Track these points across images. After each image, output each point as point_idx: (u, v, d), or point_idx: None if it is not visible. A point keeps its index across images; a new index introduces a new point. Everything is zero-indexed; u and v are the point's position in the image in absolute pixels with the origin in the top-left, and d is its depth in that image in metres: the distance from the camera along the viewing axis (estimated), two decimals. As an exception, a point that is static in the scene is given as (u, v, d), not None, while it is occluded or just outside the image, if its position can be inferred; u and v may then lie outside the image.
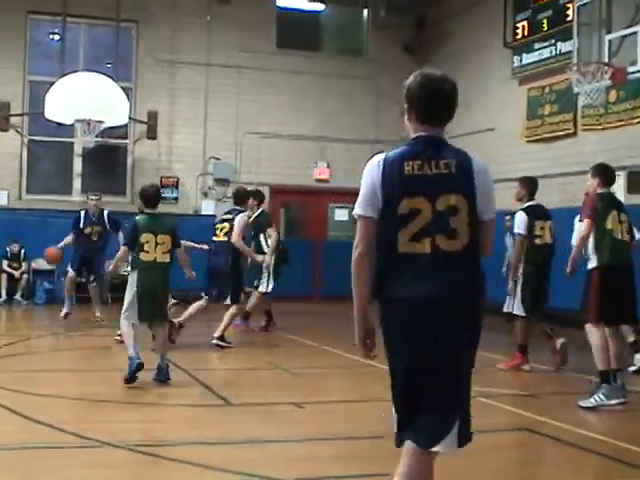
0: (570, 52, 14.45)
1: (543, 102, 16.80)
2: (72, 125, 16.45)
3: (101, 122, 16.08)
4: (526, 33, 17.18)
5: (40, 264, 17.78)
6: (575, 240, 9.13)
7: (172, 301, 11.18)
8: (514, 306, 10.27)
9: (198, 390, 8.66)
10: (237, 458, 5.98)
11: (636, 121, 14.44)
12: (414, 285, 3.81)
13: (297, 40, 20.84)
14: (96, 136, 16.52)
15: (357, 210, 4.01)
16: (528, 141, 17.24)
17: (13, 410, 7.01)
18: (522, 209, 10.52)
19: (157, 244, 8.75)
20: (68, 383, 8.76)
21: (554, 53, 16.45)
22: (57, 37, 19.06)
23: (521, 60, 17.47)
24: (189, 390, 8.74)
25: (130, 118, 17.87)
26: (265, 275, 13.25)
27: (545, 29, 16.63)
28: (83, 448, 6.10)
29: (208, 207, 19.42)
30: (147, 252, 8.69)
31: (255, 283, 13.27)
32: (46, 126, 17.85)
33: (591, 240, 8.22)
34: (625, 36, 12.66)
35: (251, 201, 13.02)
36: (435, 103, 4.21)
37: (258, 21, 20.01)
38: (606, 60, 12.80)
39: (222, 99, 19.83)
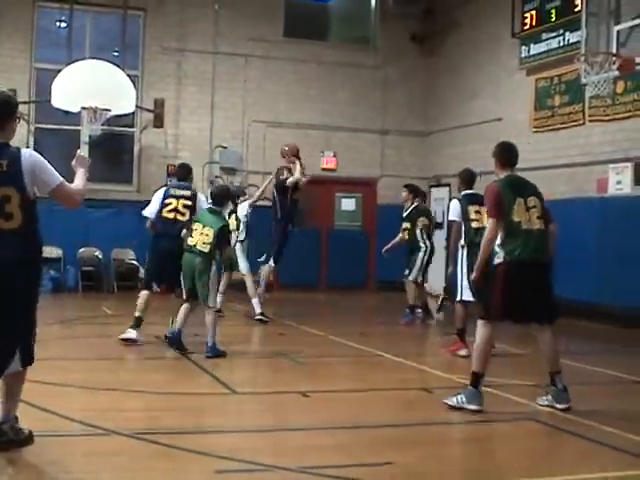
0: (578, 42, 14.40)
1: (552, 93, 16.75)
2: (78, 113, 16.43)
3: (108, 110, 16.03)
4: (534, 23, 17.11)
5: (47, 252, 17.80)
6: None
7: None
8: (463, 293, 10.35)
9: (204, 379, 8.69)
10: (243, 446, 6.00)
11: (643, 112, 14.42)
12: None
13: (304, 29, 20.81)
14: (102, 124, 16.46)
15: None
16: (536, 132, 17.21)
17: (19, 397, 7.05)
18: (456, 198, 10.84)
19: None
20: (74, 371, 8.77)
21: (562, 44, 16.39)
22: (64, 25, 19.03)
23: (529, 50, 17.41)
24: (195, 378, 8.77)
25: (137, 106, 17.85)
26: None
27: (553, 19, 16.57)
28: (88, 436, 6.13)
29: (214, 196, 19.40)
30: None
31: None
32: (52, 114, 17.79)
33: (500, 231, 7.44)
34: (633, 27, 12.62)
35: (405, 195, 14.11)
36: None
37: (266, 10, 19.98)
38: (614, 51, 12.77)
39: (229, 88, 19.83)
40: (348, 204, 20.78)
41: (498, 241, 7.41)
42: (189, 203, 10.74)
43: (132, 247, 18.02)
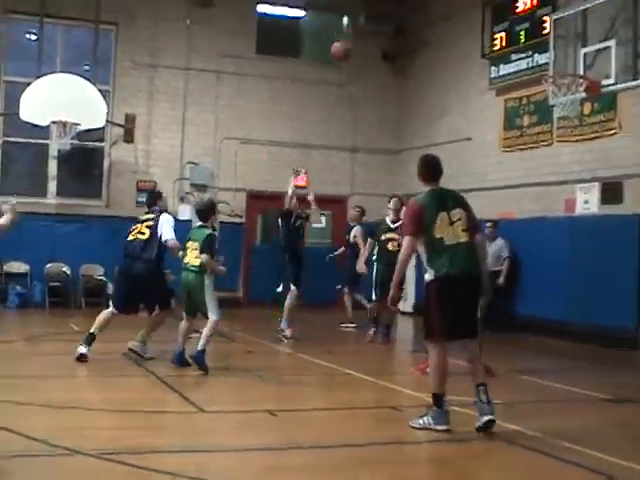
0: (546, 64, 14.56)
1: (521, 113, 16.93)
2: (48, 127, 16.35)
3: (77, 124, 15.97)
4: (504, 44, 17.31)
5: (14, 267, 17.70)
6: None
7: None
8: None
9: (171, 397, 8.64)
10: (211, 466, 5.98)
11: (609, 133, 14.60)
12: None
13: (277, 46, 20.86)
14: (72, 138, 16.40)
15: None
16: (505, 151, 17.36)
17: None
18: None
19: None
20: (39, 389, 8.70)
21: (531, 65, 16.58)
22: (34, 37, 18.93)
23: (498, 71, 17.58)
24: (162, 396, 8.73)
25: (107, 121, 17.80)
26: None
27: (522, 41, 16.76)
28: (53, 457, 6.04)
29: (185, 212, 19.36)
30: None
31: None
32: (21, 127, 17.68)
33: (423, 251, 7.29)
34: (600, 50, 12.76)
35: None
36: None
37: (239, 27, 20.03)
38: (581, 73, 12.90)
39: (201, 104, 19.83)
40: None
41: (424, 258, 7.31)
42: (151, 224, 10.82)
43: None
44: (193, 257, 10.06)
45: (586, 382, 10.15)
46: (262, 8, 20.60)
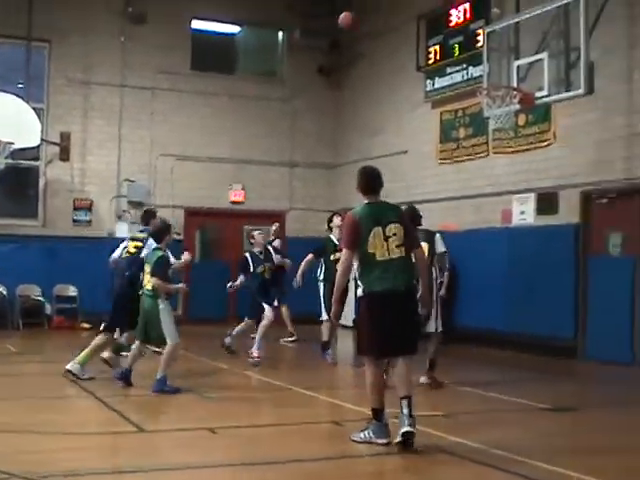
0: (481, 77, 14.75)
1: (457, 125, 17.09)
2: (-19, 146, 16.08)
3: (11, 143, 15.74)
4: (438, 57, 17.48)
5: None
6: None
7: None
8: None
9: (111, 417, 8.52)
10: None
11: (544, 144, 14.80)
12: None
13: (212, 62, 20.84)
14: (6, 157, 16.16)
15: None
16: (441, 163, 17.49)
17: None
18: None
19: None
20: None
21: (465, 77, 16.77)
22: (-35, 56, 18.64)
23: (433, 84, 17.74)
24: (102, 417, 8.60)
25: (42, 139, 17.57)
26: None
27: (457, 54, 16.95)
28: (-10, 481, 5.93)
29: (122, 230, 19.18)
30: None
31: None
32: (-46, 147, 17.39)
33: (357, 266, 7.20)
34: (533, 62, 12.95)
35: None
36: None
37: (173, 43, 19.94)
38: (515, 85, 13.06)
39: (136, 120, 19.67)
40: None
41: (357, 273, 7.22)
42: (140, 244, 10.86)
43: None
44: (147, 281, 9.82)
45: (527, 392, 10.24)
46: (196, 24, 20.53)
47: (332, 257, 12.84)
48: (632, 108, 13.23)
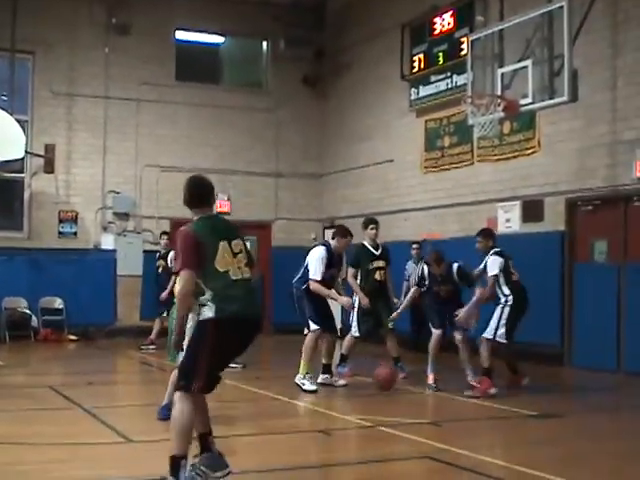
0: (465, 85, 14.78)
1: (442, 134, 17.14)
2: (-35, 159, 16.06)
3: (-5, 156, 15.74)
4: (422, 66, 17.55)
5: None
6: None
7: None
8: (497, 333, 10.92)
9: (98, 428, 8.48)
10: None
11: (529, 152, 14.88)
12: None
13: (197, 73, 20.84)
14: (-10, 170, 16.16)
15: None
16: (427, 172, 17.53)
17: None
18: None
19: None
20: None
21: (450, 86, 16.83)
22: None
23: (418, 92, 17.80)
24: (89, 428, 8.56)
25: (26, 152, 17.54)
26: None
27: (441, 62, 17.02)
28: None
29: (108, 241, 19.18)
30: None
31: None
32: (-62, 160, 17.32)
33: (204, 286, 5.93)
34: (517, 70, 13.00)
35: None
36: None
37: (157, 54, 19.95)
38: (499, 93, 13.11)
39: (121, 132, 19.65)
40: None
41: (207, 294, 5.91)
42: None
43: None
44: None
45: (513, 399, 10.27)
46: (180, 35, 20.54)
47: (370, 266, 12.16)
48: (616, 115, 13.31)
